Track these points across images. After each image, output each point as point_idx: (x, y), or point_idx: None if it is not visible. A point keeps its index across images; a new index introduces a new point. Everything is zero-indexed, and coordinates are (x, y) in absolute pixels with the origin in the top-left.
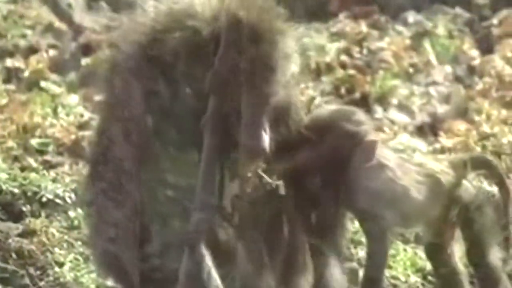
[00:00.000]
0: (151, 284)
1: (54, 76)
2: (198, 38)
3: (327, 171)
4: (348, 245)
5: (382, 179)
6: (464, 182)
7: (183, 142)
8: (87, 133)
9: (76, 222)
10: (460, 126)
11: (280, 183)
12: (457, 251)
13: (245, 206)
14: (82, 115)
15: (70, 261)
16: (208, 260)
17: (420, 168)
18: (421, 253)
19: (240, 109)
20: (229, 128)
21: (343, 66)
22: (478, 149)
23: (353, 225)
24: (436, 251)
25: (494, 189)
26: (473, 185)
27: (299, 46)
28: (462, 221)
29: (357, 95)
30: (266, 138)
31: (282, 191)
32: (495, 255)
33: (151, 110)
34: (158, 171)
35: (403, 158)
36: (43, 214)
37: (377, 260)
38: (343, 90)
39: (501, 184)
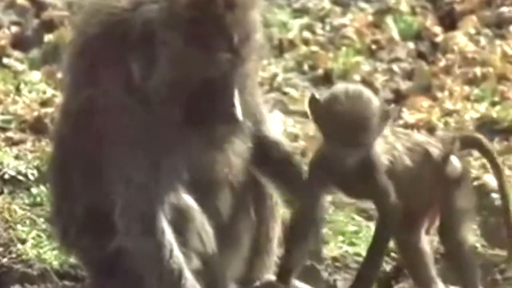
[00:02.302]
0: (115, 261)
1: (16, 53)
2: (175, 6)
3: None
4: None
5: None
6: (452, 159)
7: (154, 116)
8: (50, 110)
9: (38, 199)
10: (423, 102)
11: None
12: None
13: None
14: (44, 92)
15: (33, 238)
16: (170, 237)
17: (408, 137)
18: None
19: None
20: (200, 97)
21: (306, 42)
22: (441, 125)
23: None
24: (406, 235)
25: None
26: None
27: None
28: (443, 196)
29: (320, 71)
30: (238, 105)
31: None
32: (467, 233)
33: (121, 88)
34: (124, 145)
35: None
36: (5, 191)
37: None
38: (306, 67)
39: (493, 163)
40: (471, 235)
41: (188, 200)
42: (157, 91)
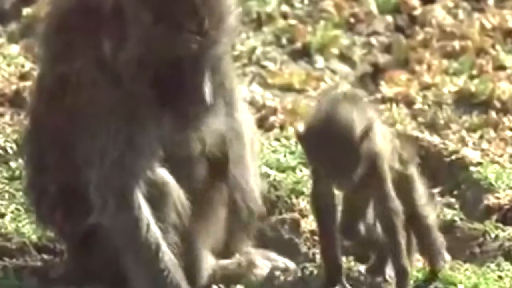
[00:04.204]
0: (91, 237)
1: None
2: None
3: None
4: (289, 196)
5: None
6: None
7: (126, 93)
8: (28, 83)
9: (17, 173)
10: (401, 76)
11: None
12: None
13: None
14: (23, 66)
15: (12, 212)
16: (147, 211)
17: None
18: None
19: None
20: (170, 77)
21: (284, 16)
22: (419, 99)
23: (294, 175)
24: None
25: None
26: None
27: None
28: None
29: (298, 45)
30: (208, 88)
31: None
32: (428, 211)
33: (93, 65)
34: (98, 122)
35: None
36: None
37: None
38: (284, 40)
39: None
40: (435, 214)
41: (164, 174)
42: (127, 67)
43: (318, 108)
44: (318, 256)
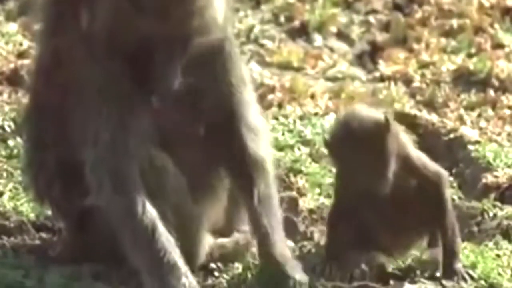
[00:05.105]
0: (88, 217)
1: None
2: None
3: None
4: (288, 174)
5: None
6: None
7: (116, 70)
8: (26, 61)
9: (15, 151)
10: (400, 54)
11: None
12: None
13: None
14: (21, 44)
15: (10, 190)
16: (142, 192)
17: None
18: None
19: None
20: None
21: None
22: (417, 77)
23: (292, 154)
24: None
25: None
26: None
27: None
28: None
29: (296, 23)
30: (178, 75)
31: None
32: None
33: (80, 39)
34: (90, 100)
35: None
36: None
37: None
38: (282, 19)
39: None
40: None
41: (160, 154)
42: (99, 42)
43: (339, 118)
44: (316, 235)
